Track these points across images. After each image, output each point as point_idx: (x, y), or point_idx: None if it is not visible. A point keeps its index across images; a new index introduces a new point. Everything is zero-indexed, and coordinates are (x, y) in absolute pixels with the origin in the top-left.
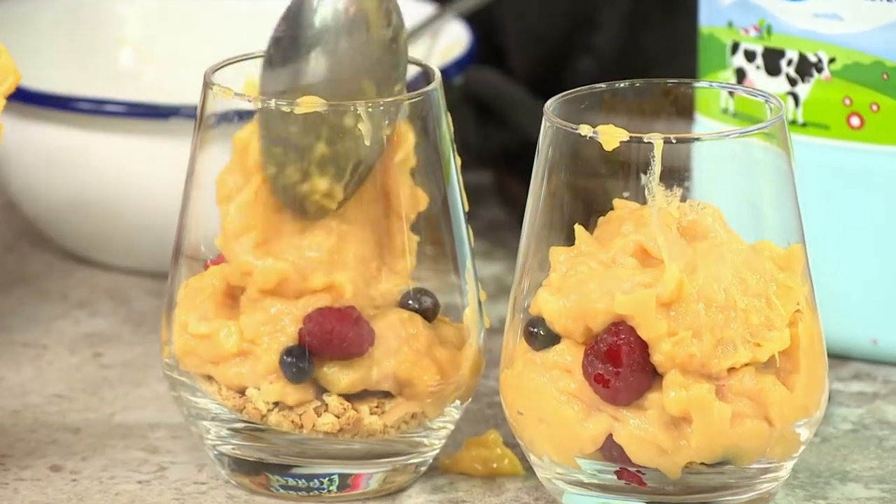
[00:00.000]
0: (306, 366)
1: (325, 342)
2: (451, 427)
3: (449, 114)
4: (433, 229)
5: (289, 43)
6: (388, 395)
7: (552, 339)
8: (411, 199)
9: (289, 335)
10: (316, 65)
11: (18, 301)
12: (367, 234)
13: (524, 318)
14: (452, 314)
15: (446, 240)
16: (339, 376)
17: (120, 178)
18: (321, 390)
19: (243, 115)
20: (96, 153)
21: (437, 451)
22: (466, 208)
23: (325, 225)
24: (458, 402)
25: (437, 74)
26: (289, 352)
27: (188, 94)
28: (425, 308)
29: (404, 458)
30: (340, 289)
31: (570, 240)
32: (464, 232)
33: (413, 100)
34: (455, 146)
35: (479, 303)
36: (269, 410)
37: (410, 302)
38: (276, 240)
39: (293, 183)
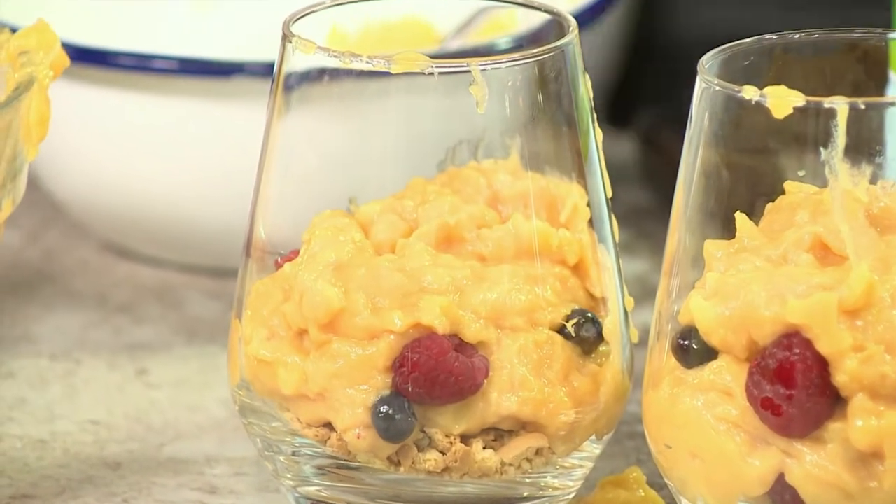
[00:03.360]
0: (407, 419)
1: (430, 382)
2: (590, 465)
3: (587, 75)
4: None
5: None
6: None
7: (708, 354)
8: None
9: (374, 385)
10: None
11: (45, 305)
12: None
13: (673, 329)
14: None
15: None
16: (453, 423)
17: (170, 150)
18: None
19: (330, 74)
20: (141, 120)
21: (572, 495)
22: (609, 194)
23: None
24: (594, 436)
25: (573, 24)
26: (383, 401)
27: (254, 48)
28: (584, 339)
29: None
30: (430, 325)
31: (730, 231)
32: (607, 225)
33: (541, 57)
34: (596, 115)
35: (626, 313)
36: None
37: (568, 330)
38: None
39: None
